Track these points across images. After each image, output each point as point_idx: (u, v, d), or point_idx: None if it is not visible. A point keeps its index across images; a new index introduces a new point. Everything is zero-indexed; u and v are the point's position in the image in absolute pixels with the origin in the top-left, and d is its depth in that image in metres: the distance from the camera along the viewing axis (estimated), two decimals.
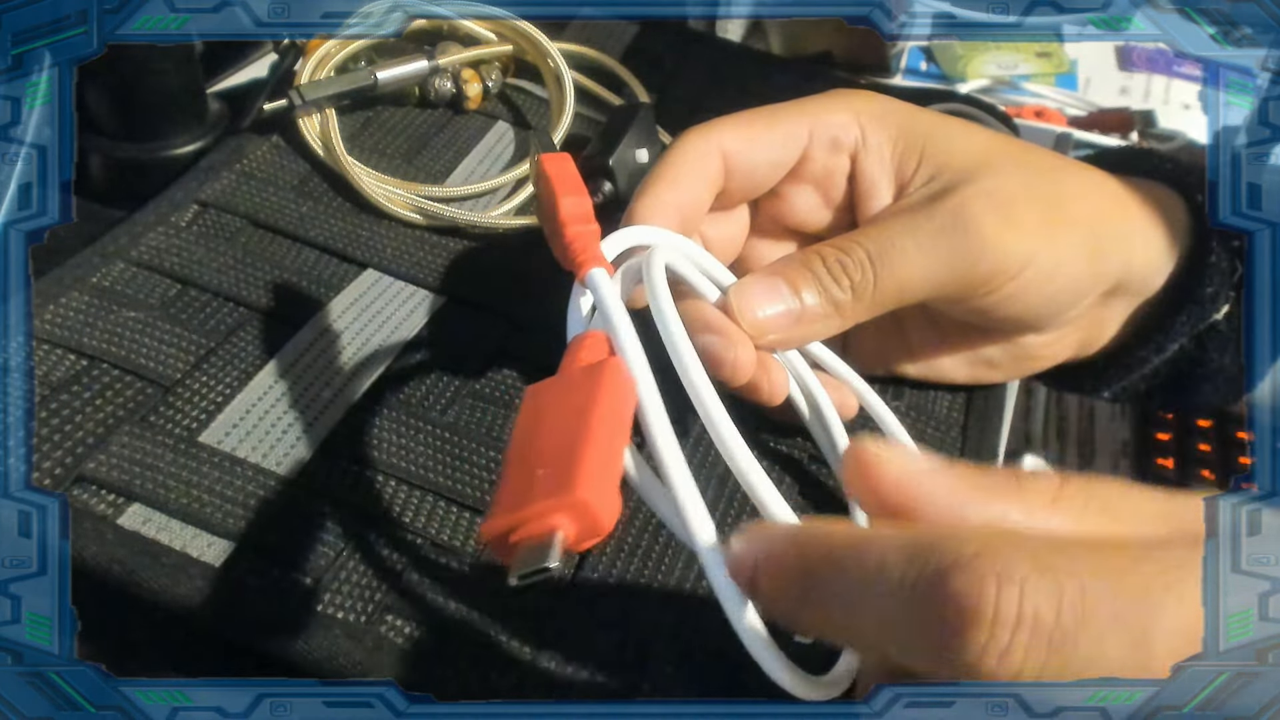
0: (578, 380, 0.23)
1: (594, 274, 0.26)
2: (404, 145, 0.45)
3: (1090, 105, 0.72)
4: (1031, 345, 0.37)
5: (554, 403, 0.22)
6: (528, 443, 0.22)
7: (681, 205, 0.32)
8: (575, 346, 0.24)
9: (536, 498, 0.20)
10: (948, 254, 0.31)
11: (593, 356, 0.24)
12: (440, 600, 0.29)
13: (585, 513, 0.20)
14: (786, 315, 0.30)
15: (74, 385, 0.33)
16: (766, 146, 0.33)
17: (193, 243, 0.39)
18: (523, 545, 0.19)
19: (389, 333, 0.37)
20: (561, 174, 0.28)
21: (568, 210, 0.27)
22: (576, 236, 0.27)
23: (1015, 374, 0.39)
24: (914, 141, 0.33)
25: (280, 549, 0.30)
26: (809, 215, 0.35)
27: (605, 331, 0.24)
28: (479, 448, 0.34)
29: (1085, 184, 0.35)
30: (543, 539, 0.19)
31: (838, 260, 0.31)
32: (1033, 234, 0.32)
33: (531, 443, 0.21)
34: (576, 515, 0.20)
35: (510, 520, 0.20)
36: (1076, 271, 0.33)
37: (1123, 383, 0.39)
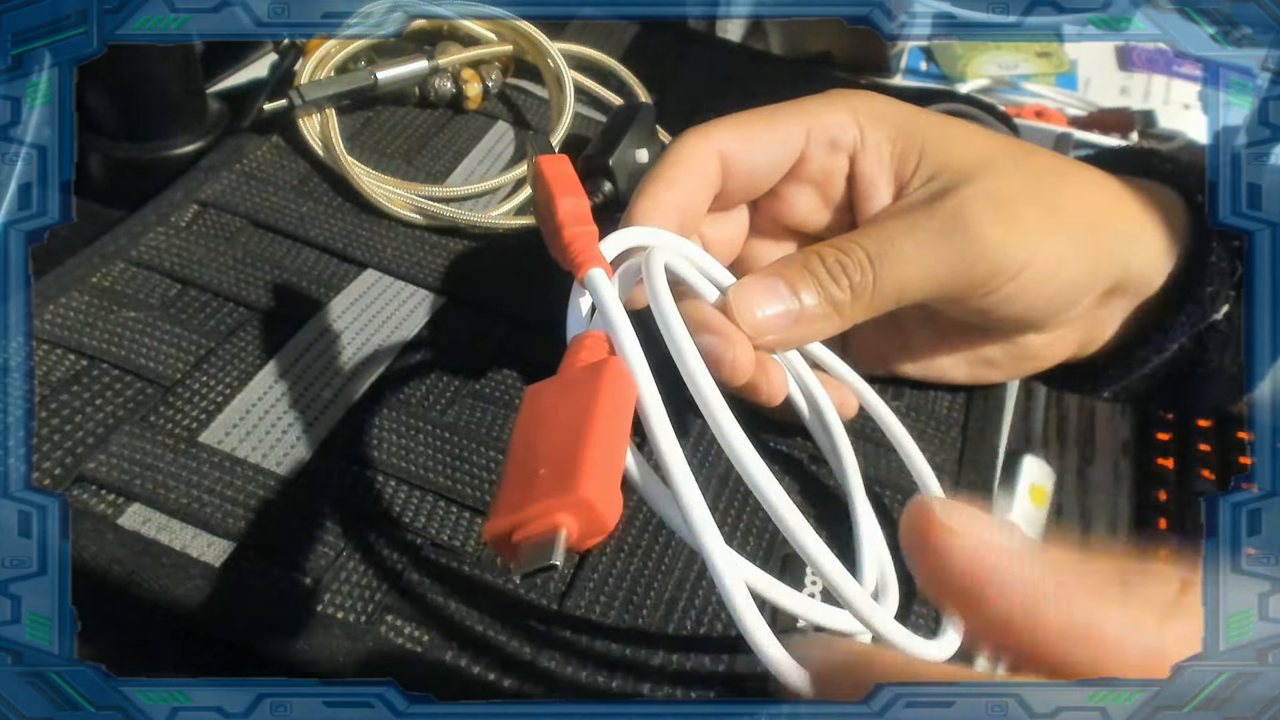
0: (578, 380, 0.23)
1: (593, 274, 0.26)
2: (404, 145, 0.45)
3: (1090, 105, 0.72)
4: (1031, 345, 0.36)
5: (555, 402, 0.22)
6: (529, 442, 0.21)
7: (680, 206, 0.32)
8: (575, 346, 0.24)
9: (539, 496, 0.20)
10: (947, 254, 0.31)
11: (593, 356, 0.24)
12: (440, 600, 0.29)
13: (588, 511, 0.19)
14: (785, 316, 0.30)
15: (74, 385, 0.33)
16: (765, 147, 0.33)
17: (193, 243, 0.39)
18: (526, 544, 0.19)
19: (389, 333, 0.37)
20: (559, 175, 0.28)
21: (565, 211, 0.27)
22: (575, 237, 0.27)
23: (1015, 374, 0.39)
24: (913, 142, 0.33)
25: (280, 549, 0.30)
26: (808, 216, 0.35)
27: (605, 331, 0.24)
28: (479, 448, 0.34)
29: (1085, 184, 0.35)
30: (546, 537, 0.19)
31: (837, 261, 0.31)
32: (1032, 234, 0.32)
33: (533, 442, 0.21)
34: (579, 513, 0.19)
35: (513, 519, 0.20)
36: (1076, 271, 0.33)
37: (1123, 383, 0.39)
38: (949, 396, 0.39)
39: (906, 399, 0.39)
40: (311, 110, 0.44)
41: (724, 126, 0.33)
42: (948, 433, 0.38)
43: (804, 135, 0.33)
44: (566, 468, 0.20)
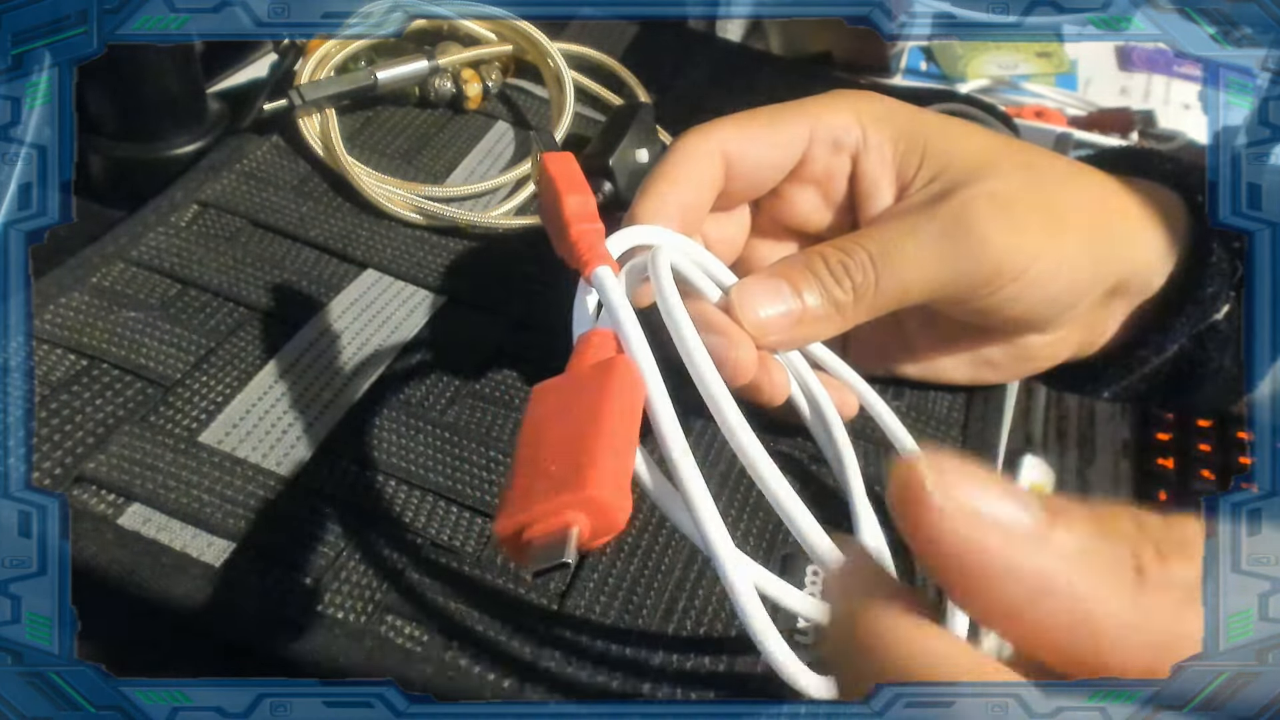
0: (587, 378, 0.23)
1: (600, 272, 0.25)
2: (404, 145, 0.45)
3: (1090, 105, 0.72)
4: (1032, 346, 0.36)
5: (563, 401, 0.22)
6: (537, 440, 0.21)
7: (684, 204, 0.32)
8: (583, 345, 0.24)
9: (549, 495, 0.20)
10: (950, 255, 0.31)
11: (601, 354, 0.24)
12: (440, 600, 0.29)
13: (599, 509, 0.19)
14: (788, 316, 0.30)
15: (74, 385, 0.33)
16: (768, 147, 0.33)
17: (193, 243, 0.39)
18: (537, 542, 0.19)
19: (389, 333, 0.37)
20: (565, 173, 0.28)
21: (572, 209, 0.27)
22: (582, 235, 0.26)
23: (1016, 374, 0.39)
24: (915, 142, 0.33)
25: (280, 549, 0.30)
26: (810, 216, 0.35)
27: (612, 329, 0.24)
28: (479, 448, 0.34)
29: (1086, 185, 0.35)
30: (557, 535, 0.19)
31: (840, 262, 0.31)
32: (1034, 235, 0.32)
33: (541, 440, 0.21)
34: (591, 511, 0.19)
35: (524, 517, 0.20)
36: (1077, 272, 0.33)
37: (1123, 383, 0.39)
38: (949, 396, 0.39)
39: (906, 399, 0.39)
40: (311, 110, 0.44)
41: (727, 126, 0.33)
42: (948, 433, 0.38)
43: (807, 135, 0.33)
44: (577, 465, 0.20)
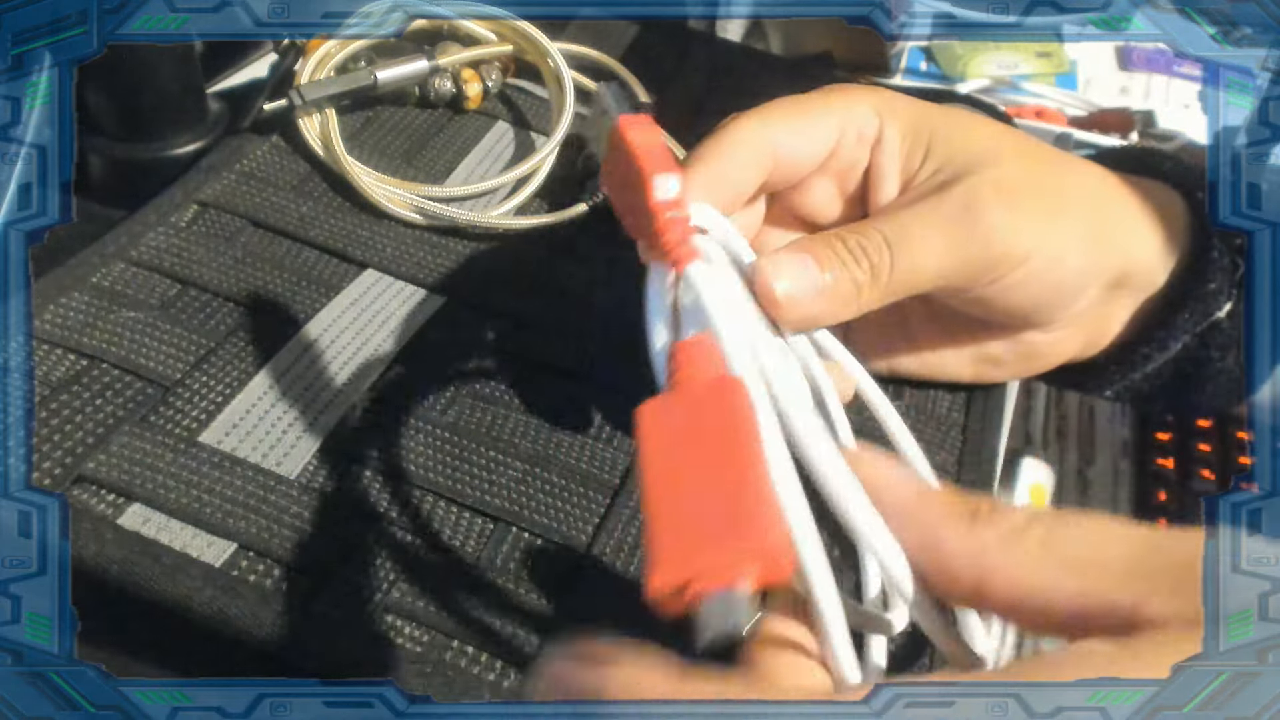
0: (705, 401, 0.20)
1: (695, 270, 0.23)
2: (404, 145, 0.45)
3: (1090, 105, 0.72)
4: (1037, 343, 0.37)
5: (684, 428, 0.20)
6: (670, 477, 0.19)
7: (736, 188, 0.31)
8: (683, 357, 0.22)
9: (712, 545, 0.18)
10: (957, 239, 0.31)
11: (707, 369, 0.21)
12: (440, 600, 0.29)
13: (768, 558, 0.18)
14: (813, 291, 0.30)
15: (74, 385, 0.33)
16: (808, 139, 0.33)
17: (193, 243, 0.39)
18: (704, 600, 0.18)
19: (389, 333, 0.37)
20: (648, 145, 0.24)
21: (660, 194, 0.24)
22: (669, 225, 0.24)
23: (1020, 373, 0.39)
24: (920, 136, 0.33)
25: (280, 549, 0.30)
26: (823, 206, 0.35)
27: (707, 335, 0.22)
28: (479, 448, 0.34)
29: (1086, 176, 0.35)
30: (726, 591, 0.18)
31: (857, 243, 0.31)
32: (1037, 221, 0.32)
33: (676, 477, 0.19)
34: (759, 561, 0.18)
35: (686, 573, 0.18)
36: (1078, 261, 0.33)
37: (1125, 381, 0.39)
38: (949, 396, 0.39)
39: (906, 399, 0.39)
40: (311, 110, 0.44)
41: (774, 117, 0.32)
42: (948, 433, 0.38)
43: (839, 128, 0.33)
44: (736, 511, 0.18)
